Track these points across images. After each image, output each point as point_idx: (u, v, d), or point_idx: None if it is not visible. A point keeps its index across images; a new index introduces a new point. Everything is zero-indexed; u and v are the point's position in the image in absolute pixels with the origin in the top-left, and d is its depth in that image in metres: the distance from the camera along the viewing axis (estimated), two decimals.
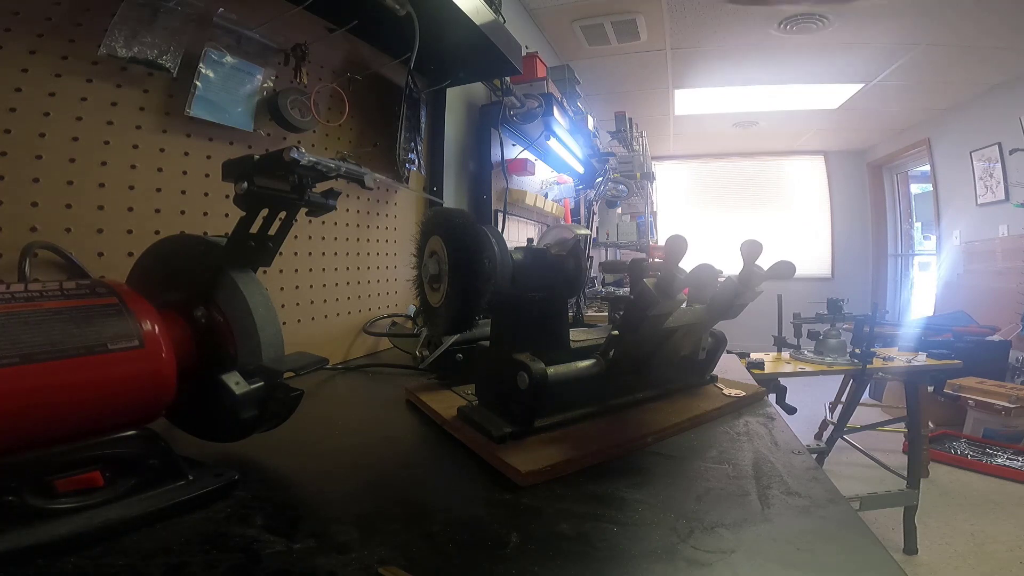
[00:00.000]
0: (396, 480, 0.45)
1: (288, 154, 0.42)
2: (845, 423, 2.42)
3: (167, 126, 0.71)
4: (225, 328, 0.46)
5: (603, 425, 0.53)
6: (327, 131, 0.97)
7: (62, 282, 0.39)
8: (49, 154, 0.58)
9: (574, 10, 2.53)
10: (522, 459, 0.44)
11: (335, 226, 1.00)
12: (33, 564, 0.30)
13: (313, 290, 0.95)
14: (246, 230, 0.46)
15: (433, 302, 0.50)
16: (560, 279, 0.53)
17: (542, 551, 0.32)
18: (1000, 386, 2.83)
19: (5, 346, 0.33)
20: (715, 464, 0.46)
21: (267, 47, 0.83)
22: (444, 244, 0.47)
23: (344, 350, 1.02)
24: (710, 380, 0.69)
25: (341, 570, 0.30)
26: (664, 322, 0.50)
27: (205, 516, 0.37)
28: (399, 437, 0.57)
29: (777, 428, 0.56)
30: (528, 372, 0.46)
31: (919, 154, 4.45)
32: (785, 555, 0.32)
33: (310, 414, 0.61)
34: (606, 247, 3.41)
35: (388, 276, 1.16)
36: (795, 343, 2.05)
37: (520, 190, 1.81)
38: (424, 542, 0.34)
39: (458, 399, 0.61)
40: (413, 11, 0.89)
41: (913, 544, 1.91)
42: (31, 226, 0.57)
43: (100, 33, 0.62)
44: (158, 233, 0.69)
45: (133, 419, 0.38)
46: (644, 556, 0.32)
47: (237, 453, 0.47)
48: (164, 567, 0.31)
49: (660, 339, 0.56)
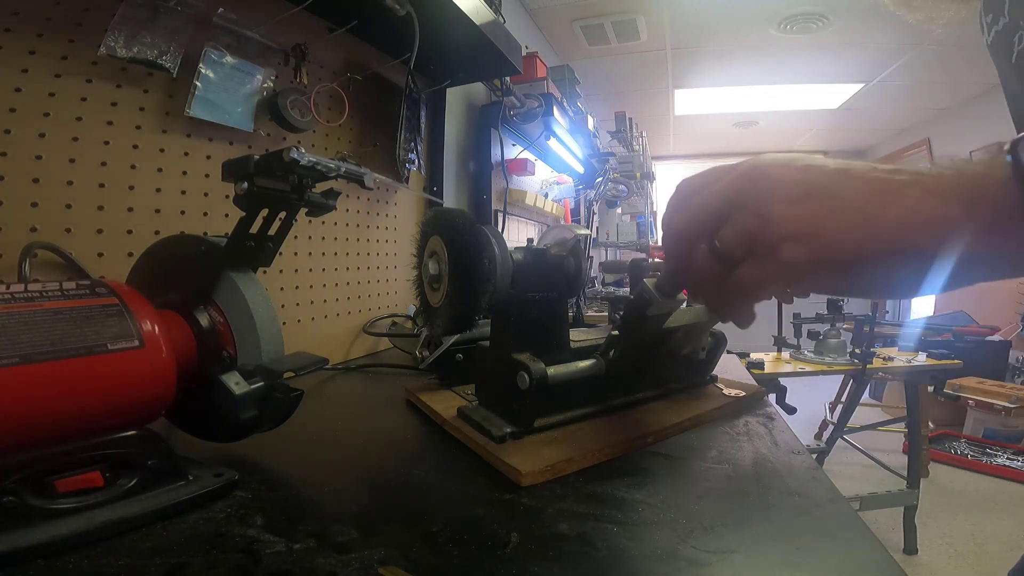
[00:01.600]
0: (396, 480, 0.45)
1: (288, 154, 0.42)
2: (845, 423, 2.42)
3: (167, 126, 0.71)
4: (225, 328, 0.46)
5: (603, 425, 0.53)
6: (327, 131, 0.97)
7: (62, 282, 0.39)
8: (49, 154, 0.58)
9: (574, 10, 2.54)
10: (522, 459, 0.44)
11: (335, 226, 1.00)
12: (33, 564, 0.30)
13: (313, 290, 0.95)
14: (246, 230, 0.46)
15: (433, 302, 0.50)
16: (560, 279, 0.53)
17: (542, 551, 0.32)
18: (1000, 386, 2.83)
19: (5, 346, 0.33)
20: (715, 464, 0.46)
21: (267, 47, 0.83)
22: (444, 244, 0.47)
23: (344, 350, 1.02)
24: (710, 380, 0.69)
25: (341, 570, 0.30)
26: (664, 322, 0.50)
27: (205, 516, 0.37)
28: (399, 437, 0.57)
29: (777, 428, 0.56)
30: (528, 372, 0.46)
31: (919, 154, 4.45)
32: (785, 555, 0.32)
33: (310, 414, 0.61)
34: (606, 247, 3.41)
35: (388, 276, 1.16)
36: (795, 343, 2.05)
37: (520, 190, 1.81)
38: (424, 542, 0.34)
39: (458, 399, 0.61)
40: (413, 11, 0.89)
41: (913, 544, 1.91)
42: (31, 226, 0.57)
43: (100, 33, 0.62)
44: (158, 233, 0.69)
45: (133, 419, 0.38)
46: (644, 556, 0.32)
47: (237, 453, 0.47)
48: (164, 567, 0.31)
49: (660, 339, 0.56)
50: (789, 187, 0.30)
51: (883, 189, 0.28)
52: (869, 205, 0.28)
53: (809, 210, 0.29)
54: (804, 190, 0.30)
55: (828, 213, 0.29)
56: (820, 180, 0.30)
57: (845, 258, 0.29)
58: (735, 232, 0.32)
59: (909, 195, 0.28)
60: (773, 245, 0.30)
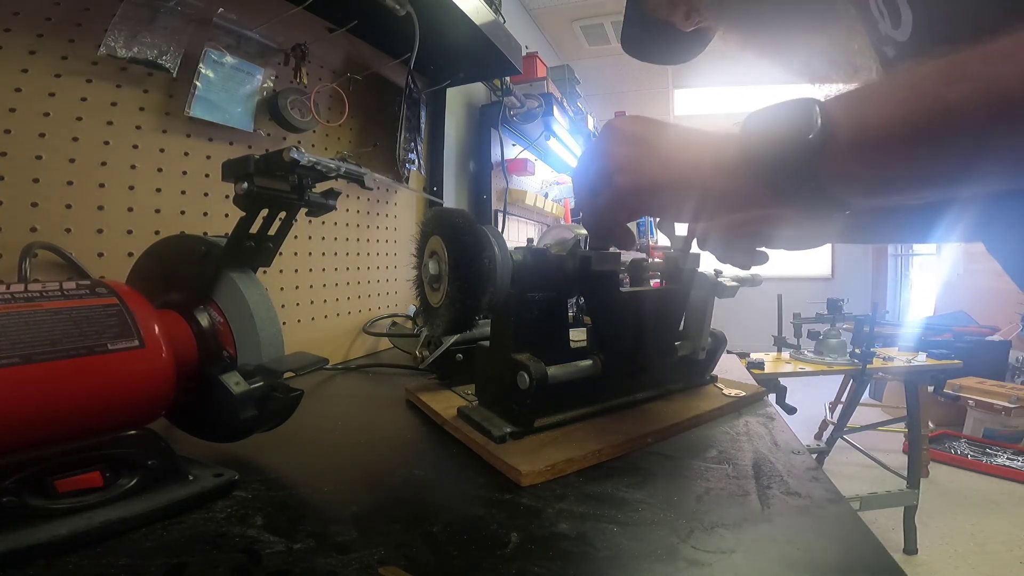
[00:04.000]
0: (396, 480, 0.45)
1: (288, 154, 0.42)
2: (845, 423, 2.42)
3: (167, 126, 0.71)
4: (225, 328, 0.46)
5: (603, 425, 0.53)
6: (327, 131, 0.97)
7: (62, 282, 0.39)
8: (49, 154, 0.58)
9: (574, 10, 2.54)
10: (522, 459, 0.44)
11: (335, 226, 1.00)
12: (33, 564, 0.30)
13: (313, 290, 0.95)
14: (246, 230, 0.46)
15: (433, 302, 0.50)
16: (560, 279, 0.53)
17: (542, 551, 0.32)
18: (1000, 386, 2.83)
19: (5, 346, 0.33)
20: (715, 464, 0.46)
21: (267, 47, 0.83)
22: (444, 244, 0.47)
23: (344, 350, 1.02)
24: (710, 380, 0.69)
25: (341, 570, 0.30)
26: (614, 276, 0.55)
27: (205, 516, 0.37)
28: (399, 437, 0.57)
29: (777, 428, 0.56)
30: (528, 372, 0.46)
31: None
32: (785, 555, 0.32)
33: (310, 414, 0.61)
34: None
35: (388, 276, 1.16)
36: (795, 343, 2.06)
37: (520, 190, 1.81)
38: (424, 542, 0.34)
39: (458, 399, 0.61)
40: (413, 11, 0.89)
41: (913, 544, 1.91)
42: (31, 226, 0.57)
43: (100, 33, 0.62)
44: (158, 233, 0.69)
45: (133, 419, 0.38)
46: (644, 556, 0.32)
47: (237, 453, 0.47)
48: (164, 567, 0.31)
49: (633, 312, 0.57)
50: (626, 135, 0.42)
51: (682, 144, 0.39)
52: (670, 153, 0.40)
53: (634, 152, 0.41)
54: (634, 138, 0.42)
55: (645, 155, 0.40)
56: (646, 132, 0.41)
57: (652, 187, 0.40)
58: (595, 171, 0.43)
59: (693, 149, 0.39)
60: (610, 175, 0.42)
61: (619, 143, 0.42)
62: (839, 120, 0.31)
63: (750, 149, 0.35)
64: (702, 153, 0.38)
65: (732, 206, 0.38)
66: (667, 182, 0.39)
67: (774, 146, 0.33)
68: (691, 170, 0.38)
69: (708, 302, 0.62)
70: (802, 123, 0.31)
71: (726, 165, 0.36)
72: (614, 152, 0.42)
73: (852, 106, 0.32)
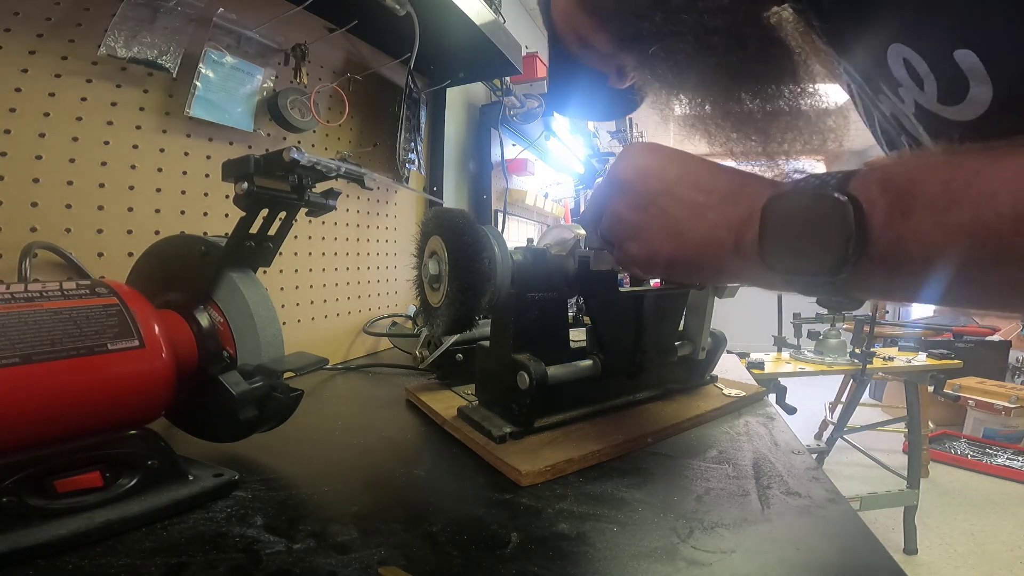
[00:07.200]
0: (396, 480, 0.45)
1: (288, 154, 0.42)
2: (845, 423, 2.42)
3: (167, 126, 0.71)
4: (225, 328, 0.46)
5: (603, 425, 0.53)
6: (327, 131, 0.97)
7: (62, 282, 0.39)
8: (49, 154, 0.58)
9: None
10: (522, 459, 0.44)
11: (335, 226, 1.00)
12: (33, 564, 0.30)
13: (313, 290, 0.95)
14: (246, 230, 0.46)
15: (433, 302, 0.50)
16: (560, 279, 0.53)
17: (542, 551, 0.32)
18: (1000, 386, 2.84)
19: (5, 346, 0.33)
20: (715, 464, 0.46)
21: (267, 47, 0.83)
22: (444, 244, 0.47)
23: (344, 350, 1.02)
24: (710, 380, 0.69)
25: (341, 570, 0.30)
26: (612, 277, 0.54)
27: (205, 516, 0.37)
28: (399, 437, 0.57)
29: (777, 428, 0.56)
30: (528, 372, 0.46)
31: None
32: (785, 555, 0.32)
33: (310, 414, 0.61)
34: None
35: (388, 276, 1.16)
36: (795, 343, 2.06)
37: (520, 190, 1.81)
38: (424, 542, 0.34)
39: (458, 399, 0.61)
40: (413, 11, 0.89)
41: (913, 544, 1.91)
42: (31, 226, 0.57)
43: (100, 33, 0.62)
44: (158, 233, 0.69)
45: (133, 419, 0.38)
46: (644, 556, 0.32)
47: (237, 453, 0.47)
48: (164, 567, 0.31)
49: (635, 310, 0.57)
50: (634, 197, 0.39)
51: (693, 213, 0.36)
52: (681, 226, 0.37)
53: (645, 219, 0.39)
54: (645, 201, 0.39)
55: (656, 226, 0.38)
56: (656, 194, 0.38)
57: (666, 263, 0.38)
58: (605, 225, 0.43)
59: (710, 220, 0.35)
60: (622, 240, 0.41)
61: (630, 207, 0.39)
62: (880, 228, 0.25)
63: (771, 255, 0.31)
64: (717, 230, 0.34)
65: (746, 282, 0.37)
66: (681, 259, 0.37)
67: (796, 261, 0.30)
68: (707, 248, 0.35)
69: (708, 302, 0.62)
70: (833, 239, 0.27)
71: (745, 251, 0.32)
72: (626, 217, 0.40)
73: (905, 204, 0.24)
